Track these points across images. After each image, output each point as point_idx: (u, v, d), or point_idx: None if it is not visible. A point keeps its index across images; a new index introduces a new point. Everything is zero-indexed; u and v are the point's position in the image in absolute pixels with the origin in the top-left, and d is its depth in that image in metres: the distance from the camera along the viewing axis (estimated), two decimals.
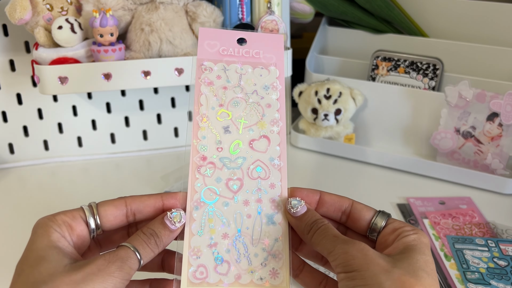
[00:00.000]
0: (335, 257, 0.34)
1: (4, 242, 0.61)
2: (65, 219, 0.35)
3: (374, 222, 0.38)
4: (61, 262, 0.32)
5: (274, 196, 0.38)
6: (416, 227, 0.37)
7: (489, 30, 0.78)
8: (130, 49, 0.70)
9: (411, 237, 0.35)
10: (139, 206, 0.37)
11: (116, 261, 0.33)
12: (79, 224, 0.35)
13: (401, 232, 0.36)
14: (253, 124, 0.40)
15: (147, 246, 0.35)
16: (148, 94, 0.80)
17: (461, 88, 0.70)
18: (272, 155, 0.39)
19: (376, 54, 0.80)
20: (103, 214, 0.36)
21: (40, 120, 0.77)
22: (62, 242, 0.34)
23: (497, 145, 0.69)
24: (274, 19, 0.71)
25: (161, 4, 0.69)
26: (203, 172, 0.38)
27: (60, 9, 0.67)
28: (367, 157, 0.77)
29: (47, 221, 0.34)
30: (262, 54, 0.41)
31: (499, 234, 0.60)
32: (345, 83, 0.77)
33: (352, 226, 0.39)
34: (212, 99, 0.40)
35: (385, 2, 0.79)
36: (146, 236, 0.35)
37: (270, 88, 0.41)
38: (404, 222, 0.37)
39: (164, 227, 0.36)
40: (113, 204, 0.37)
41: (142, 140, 0.82)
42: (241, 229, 0.37)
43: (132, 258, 0.34)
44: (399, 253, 0.34)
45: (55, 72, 0.65)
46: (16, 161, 0.78)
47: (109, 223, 0.37)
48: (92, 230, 0.36)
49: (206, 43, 0.41)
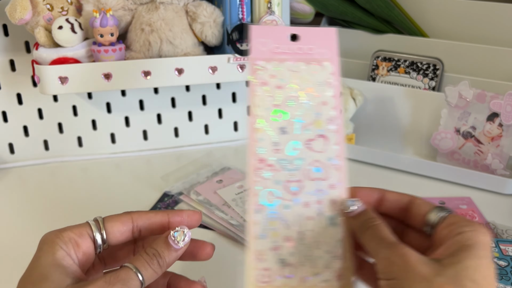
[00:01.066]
0: (378, 261, 0.33)
1: (4, 242, 0.61)
2: (72, 236, 0.35)
3: (429, 215, 0.35)
4: (63, 282, 0.32)
5: (334, 196, 0.37)
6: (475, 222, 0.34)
7: (489, 30, 0.78)
8: (130, 49, 0.70)
9: (466, 235, 0.32)
10: (145, 223, 0.37)
11: (116, 283, 0.32)
12: (85, 241, 0.35)
13: (456, 228, 0.33)
14: (309, 123, 0.38)
15: (150, 267, 0.34)
16: (148, 94, 0.80)
17: (461, 88, 0.70)
18: (330, 154, 0.38)
19: (376, 54, 0.80)
20: (110, 230, 0.36)
21: (40, 120, 0.77)
22: (66, 261, 0.33)
23: (497, 145, 0.69)
24: (274, 19, 0.71)
25: (161, 4, 0.69)
26: (262, 174, 0.37)
27: (61, 9, 0.67)
28: (367, 157, 0.77)
29: (53, 238, 0.34)
30: (315, 49, 0.39)
31: (499, 234, 0.60)
32: (345, 83, 0.77)
33: (410, 222, 0.37)
34: (267, 99, 0.38)
35: (385, 2, 0.80)
36: (149, 256, 0.35)
37: (325, 85, 0.39)
38: (463, 217, 0.34)
39: (168, 247, 0.35)
40: (120, 220, 0.36)
41: (142, 140, 0.82)
42: (303, 232, 0.37)
43: (133, 280, 0.33)
44: (449, 255, 0.31)
45: (55, 72, 0.65)
46: (16, 161, 0.78)
47: (115, 239, 0.36)
48: (99, 246, 0.36)
49: (258, 41, 0.39)
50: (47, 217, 0.65)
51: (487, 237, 0.32)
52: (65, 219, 0.64)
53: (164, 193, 0.68)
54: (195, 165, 0.74)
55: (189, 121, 0.82)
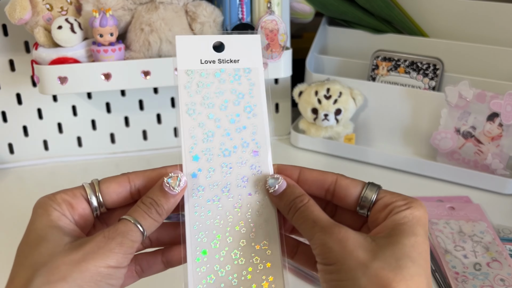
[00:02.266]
0: (314, 246, 0.32)
1: (4, 242, 0.61)
2: (65, 198, 0.34)
3: (364, 196, 0.35)
4: (61, 241, 0.31)
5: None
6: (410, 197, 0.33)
7: (489, 30, 0.78)
8: (130, 49, 0.70)
9: (402, 214, 0.32)
10: (143, 182, 0.36)
11: (116, 237, 0.31)
12: (80, 202, 0.34)
13: (393, 208, 0.33)
14: None
15: (149, 216, 0.33)
16: (148, 94, 0.80)
17: (461, 88, 0.70)
18: None
19: (376, 54, 0.80)
20: (106, 191, 0.35)
21: (40, 120, 0.77)
22: (62, 221, 0.33)
23: (497, 145, 0.69)
24: (274, 19, 0.71)
25: (161, 4, 0.69)
26: None
27: (60, 9, 0.67)
28: (367, 157, 0.77)
29: (47, 200, 0.34)
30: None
31: None
32: (345, 83, 0.77)
33: (340, 204, 0.36)
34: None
35: (385, 2, 0.79)
36: (146, 206, 0.34)
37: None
38: (398, 194, 0.34)
39: (164, 194, 0.34)
40: (116, 181, 0.36)
41: (142, 140, 0.82)
42: None
43: (133, 231, 0.32)
44: (387, 234, 0.31)
45: (55, 72, 0.65)
46: (16, 161, 0.78)
47: (112, 201, 0.35)
48: (95, 208, 0.35)
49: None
50: None
51: (422, 212, 0.32)
52: None
53: None
54: None
55: None
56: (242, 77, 0.38)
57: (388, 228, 0.32)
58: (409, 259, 0.30)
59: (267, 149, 0.37)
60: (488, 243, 0.57)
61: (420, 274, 0.30)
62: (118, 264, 0.31)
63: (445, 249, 0.57)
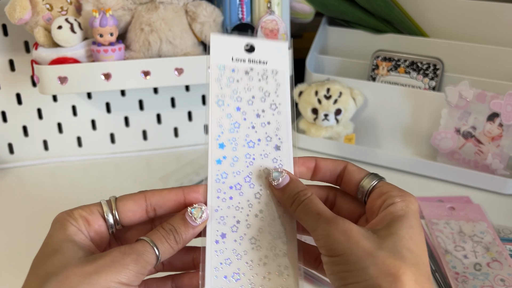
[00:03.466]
0: (318, 237, 0.33)
1: (4, 242, 0.61)
2: (82, 214, 0.34)
3: (362, 184, 0.37)
4: (75, 255, 0.32)
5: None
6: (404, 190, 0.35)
7: (489, 30, 0.78)
8: (130, 49, 0.70)
9: (398, 206, 0.34)
10: (159, 201, 0.36)
11: (131, 254, 0.32)
12: (96, 219, 0.35)
13: (388, 198, 0.34)
14: None
15: (166, 241, 0.34)
16: (148, 94, 0.79)
17: (461, 88, 0.70)
18: None
19: (376, 54, 0.80)
20: (122, 209, 0.35)
21: (40, 120, 0.77)
22: (78, 236, 0.33)
23: (498, 145, 0.69)
24: (274, 19, 0.71)
25: (161, 4, 0.69)
26: None
27: (60, 9, 0.67)
28: (367, 157, 0.77)
29: (64, 216, 0.34)
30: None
31: None
32: (345, 83, 0.77)
33: (345, 189, 0.38)
34: None
35: (385, 2, 0.79)
36: (166, 231, 0.34)
37: None
38: (394, 185, 0.36)
39: (185, 223, 0.35)
40: (132, 199, 0.36)
41: (142, 140, 0.82)
42: None
43: (149, 252, 0.33)
44: (385, 226, 0.33)
45: (55, 72, 0.65)
46: (15, 161, 0.78)
47: (128, 219, 0.36)
48: (111, 225, 0.35)
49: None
50: (46, 217, 0.65)
51: (416, 205, 0.34)
52: None
53: None
54: (193, 166, 0.74)
55: (189, 121, 0.82)
56: (270, 77, 0.41)
57: (386, 220, 0.33)
58: (409, 251, 0.31)
59: (289, 145, 0.39)
60: (488, 243, 0.57)
61: (419, 263, 0.31)
62: (129, 282, 0.31)
63: (445, 249, 0.57)
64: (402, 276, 0.30)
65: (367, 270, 0.30)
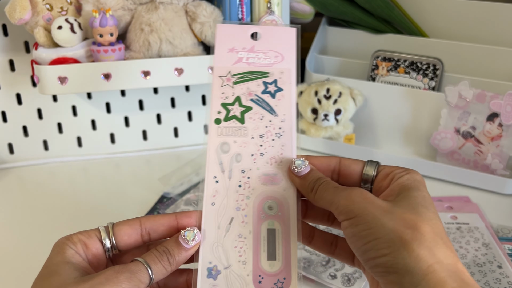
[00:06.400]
0: (337, 205, 0.35)
1: (4, 242, 0.61)
2: (81, 238, 0.36)
3: (365, 172, 0.38)
4: (71, 275, 0.33)
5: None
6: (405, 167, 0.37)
7: (489, 30, 0.78)
8: (130, 49, 0.70)
9: (405, 177, 0.36)
10: (153, 225, 0.38)
11: (125, 272, 0.33)
12: (94, 242, 0.36)
13: (394, 175, 0.37)
14: None
15: (159, 262, 0.35)
16: (148, 94, 0.80)
17: (461, 88, 0.70)
18: None
19: (376, 54, 0.80)
20: (118, 233, 0.37)
21: (40, 120, 0.77)
22: (76, 258, 0.35)
23: (497, 145, 0.69)
24: (274, 19, 0.71)
25: (161, 4, 0.69)
26: None
27: (60, 9, 0.67)
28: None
29: (64, 240, 0.36)
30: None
31: None
32: (345, 83, 0.77)
33: (345, 182, 0.39)
34: None
35: (385, 2, 0.79)
36: (159, 253, 0.36)
37: None
38: (394, 166, 0.38)
39: (178, 246, 0.36)
40: (128, 223, 0.37)
41: (142, 140, 0.82)
42: None
43: (142, 272, 0.34)
44: (396, 194, 0.35)
45: (55, 72, 0.65)
46: (15, 161, 0.78)
47: (124, 242, 0.37)
48: (108, 249, 0.37)
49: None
50: (46, 217, 0.65)
51: (421, 177, 0.37)
52: (65, 219, 0.65)
53: (162, 195, 0.68)
54: (193, 166, 0.74)
55: (189, 121, 0.82)
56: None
57: (395, 190, 0.35)
58: (423, 207, 0.33)
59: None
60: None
61: (436, 218, 0.33)
62: None
63: None
64: (422, 228, 0.32)
65: (387, 225, 0.32)
